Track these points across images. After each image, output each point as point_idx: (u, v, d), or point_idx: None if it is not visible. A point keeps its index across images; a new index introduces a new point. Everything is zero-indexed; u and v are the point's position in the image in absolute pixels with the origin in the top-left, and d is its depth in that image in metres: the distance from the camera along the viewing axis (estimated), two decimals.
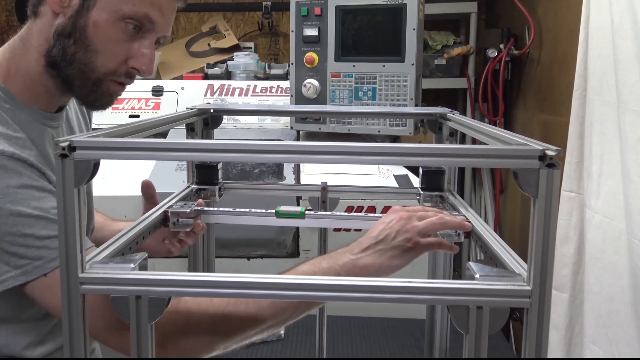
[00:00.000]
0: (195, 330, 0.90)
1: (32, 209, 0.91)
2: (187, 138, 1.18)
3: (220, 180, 1.21)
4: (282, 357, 1.66)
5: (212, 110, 1.22)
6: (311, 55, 2.14)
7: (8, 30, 3.37)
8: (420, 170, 1.18)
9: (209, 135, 1.23)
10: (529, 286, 0.63)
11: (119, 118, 2.37)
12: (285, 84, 2.45)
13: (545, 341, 0.62)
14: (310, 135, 2.28)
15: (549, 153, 0.59)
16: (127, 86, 1.07)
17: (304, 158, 0.64)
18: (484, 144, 0.77)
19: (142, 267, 0.69)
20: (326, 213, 1.11)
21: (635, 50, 1.40)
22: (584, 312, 1.63)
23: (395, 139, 2.23)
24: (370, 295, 0.66)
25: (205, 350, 0.92)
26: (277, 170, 2.01)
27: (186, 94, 2.46)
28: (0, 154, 0.91)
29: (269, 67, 2.71)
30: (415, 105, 2.07)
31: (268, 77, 2.65)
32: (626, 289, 1.45)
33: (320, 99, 2.16)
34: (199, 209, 1.06)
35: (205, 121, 1.22)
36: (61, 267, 0.64)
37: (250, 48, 2.98)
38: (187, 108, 1.17)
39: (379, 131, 2.13)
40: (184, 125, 1.16)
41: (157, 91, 2.48)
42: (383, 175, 2.02)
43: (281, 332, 1.84)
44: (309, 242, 1.94)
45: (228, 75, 2.63)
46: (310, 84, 2.14)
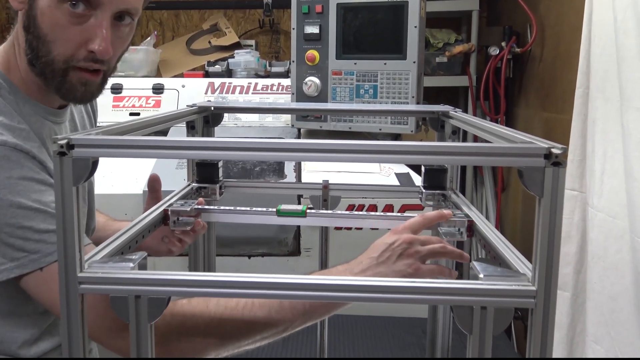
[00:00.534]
0: (190, 334, 0.89)
1: (32, 202, 0.91)
2: (188, 136, 1.17)
3: (221, 179, 1.20)
4: (282, 358, 1.65)
5: (213, 108, 1.21)
6: (312, 52, 2.13)
7: (9, 28, 3.35)
8: (423, 168, 1.17)
9: (210, 133, 1.23)
10: (534, 286, 0.62)
11: (120, 116, 2.36)
12: (286, 82, 2.45)
13: (551, 342, 0.61)
14: (311, 133, 2.27)
15: (555, 151, 0.58)
16: (128, 84, 1.06)
17: (305, 156, 0.63)
18: (485, 141, 0.76)
19: (142, 267, 0.68)
20: (328, 212, 1.10)
21: (638, 48, 1.39)
22: (586, 311, 1.63)
23: (397, 137, 2.23)
24: (373, 295, 0.65)
25: (198, 353, 0.91)
26: (278, 169, 2.01)
27: (187, 92, 2.45)
28: (3, 144, 0.90)
29: (270, 65, 2.70)
30: (417, 103, 2.06)
31: (269, 75, 2.65)
32: (629, 287, 1.45)
33: (321, 96, 2.15)
34: (199, 207, 1.05)
35: (206, 119, 1.21)
36: (59, 266, 0.63)
37: (251, 46, 2.97)
38: (188, 106, 1.16)
39: (381, 129, 2.12)
40: (185, 123, 1.16)
41: (158, 89, 2.47)
42: (384, 173, 2.01)
43: None
44: (310, 241, 1.93)
45: (229, 73, 2.62)
46: (312, 81, 2.13)
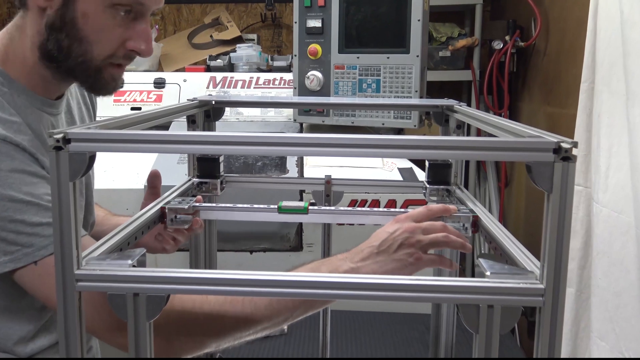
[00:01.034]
0: (189, 329, 0.89)
1: (24, 194, 0.89)
2: (188, 130, 1.16)
3: (222, 174, 1.18)
4: (282, 358, 1.64)
5: (214, 102, 1.20)
6: (314, 46, 2.11)
7: (9, 22, 3.34)
8: (427, 163, 1.15)
9: (211, 128, 1.21)
10: (542, 284, 0.61)
11: (121, 110, 2.35)
12: (288, 76, 2.43)
13: (559, 341, 0.60)
14: (314, 128, 2.26)
15: (564, 146, 0.56)
16: (129, 79, 1.05)
17: (307, 151, 0.61)
18: (491, 136, 0.75)
19: (141, 264, 0.67)
20: (330, 208, 1.09)
21: None
22: (591, 307, 1.62)
23: (400, 131, 2.21)
24: (377, 293, 0.64)
25: (197, 348, 0.91)
26: (280, 164, 1.99)
27: (188, 86, 2.45)
28: None
29: (272, 59, 2.69)
30: (420, 97, 2.05)
31: (271, 69, 2.63)
32: (634, 283, 1.44)
33: (323, 91, 2.13)
34: (197, 205, 1.02)
35: (207, 113, 1.20)
36: (56, 264, 0.62)
37: (253, 40, 2.96)
38: (188, 100, 1.15)
39: (383, 124, 2.11)
40: (185, 117, 1.14)
41: (159, 83, 2.46)
42: (387, 168, 2.00)
43: (284, 327, 1.82)
44: (312, 236, 1.92)
45: (230, 67, 2.61)
46: (314, 76, 2.12)
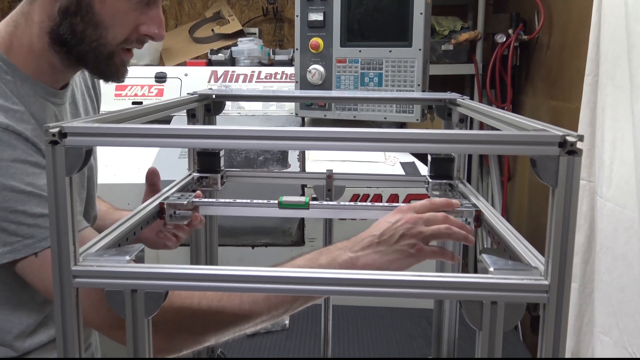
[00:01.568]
0: (188, 325, 0.88)
1: (25, 185, 0.89)
2: (188, 124, 1.15)
3: (222, 168, 1.17)
4: (282, 358, 1.64)
5: (214, 96, 1.19)
6: (316, 40, 2.10)
7: (8, 10, 3.33)
8: (429, 157, 1.14)
9: (211, 122, 1.20)
10: (547, 280, 0.60)
11: (122, 105, 2.34)
12: (290, 70, 2.42)
13: (564, 338, 0.59)
14: (316, 122, 2.25)
15: (570, 139, 0.55)
16: (130, 73, 1.06)
17: (309, 145, 0.60)
18: (494, 129, 0.74)
19: (139, 259, 0.66)
20: (331, 203, 1.08)
21: None
22: (594, 302, 1.61)
23: (402, 125, 2.20)
24: (379, 289, 0.63)
25: (198, 343, 0.90)
26: (282, 158, 1.98)
27: (190, 81, 2.44)
28: None
29: (274, 53, 2.67)
30: (423, 91, 2.03)
31: (272, 64, 2.62)
32: (638, 278, 1.43)
33: (325, 85, 2.12)
34: (196, 200, 1.01)
35: (207, 107, 1.19)
36: (53, 260, 0.61)
37: (255, 34, 2.95)
38: (188, 93, 1.14)
39: (385, 118, 2.10)
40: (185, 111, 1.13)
41: (161, 78, 2.45)
42: (389, 162, 1.99)
43: (286, 322, 1.82)
44: (314, 231, 1.92)
45: (232, 61, 2.60)
46: (316, 70, 2.11)
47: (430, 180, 1.13)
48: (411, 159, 2.04)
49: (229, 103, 2.28)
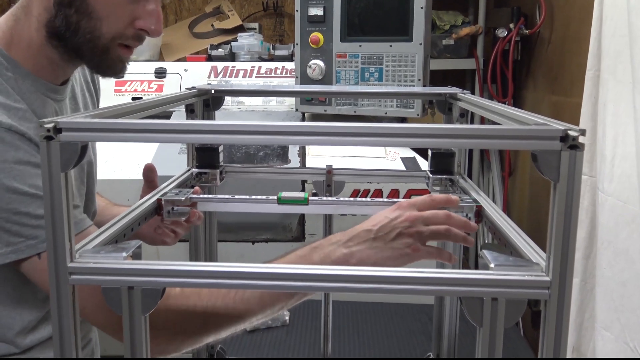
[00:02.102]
0: (182, 328, 0.88)
1: (29, 187, 0.89)
2: (187, 119, 1.14)
3: (221, 164, 1.17)
4: (282, 358, 1.63)
5: (213, 91, 1.18)
6: (316, 35, 2.09)
7: (7, 7, 3.32)
8: (430, 152, 1.13)
9: (210, 117, 1.19)
10: (548, 277, 0.59)
11: (122, 100, 2.33)
12: (290, 66, 2.41)
13: (565, 334, 0.58)
14: (316, 117, 2.25)
15: (572, 134, 0.54)
16: (130, 69, 1.05)
17: (309, 139, 0.59)
18: (494, 124, 0.73)
19: (136, 256, 0.65)
20: (331, 199, 1.07)
21: None
22: (596, 297, 1.60)
23: (402, 120, 2.19)
24: (379, 286, 0.62)
25: (193, 344, 0.90)
26: (282, 153, 1.98)
27: (189, 76, 2.43)
28: None
29: (274, 48, 2.67)
30: (423, 86, 2.03)
31: (273, 59, 2.62)
32: (639, 273, 1.42)
33: (325, 80, 2.11)
34: (194, 196, 0.99)
35: (206, 102, 1.18)
36: (49, 256, 0.60)
37: (255, 29, 2.94)
38: (187, 89, 1.13)
39: (386, 113, 2.09)
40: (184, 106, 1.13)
41: (160, 73, 2.44)
42: (390, 157, 1.98)
43: (286, 318, 1.82)
44: (314, 226, 1.91)
45: (232, 56, 2.60)
46: (316, 64, 2.10)
47: (430, 175, 1.12)
48: (412, 154, 2.03)
49: (228, 98, 2.28)
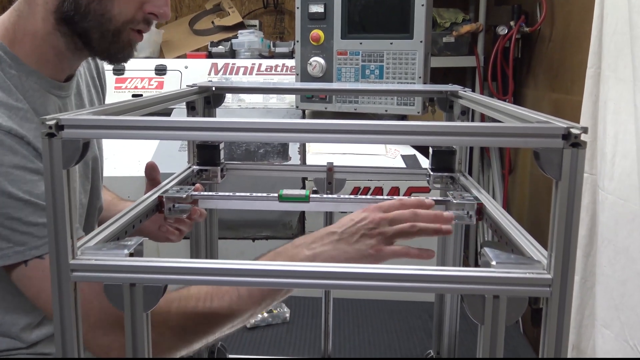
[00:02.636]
0: (176, 329, 0.88)
1: (24, 193, 0.88)
2: (188, 117, 1.14)
3: (222, 161, 1.17)
4: (283, 358, 1.63)
5: (214, 88, 1.18)
6: (317, 32, 2.09)
7: (8, 6, 3.31)
8: (430, 150, 1.13)
9: (211, 114, 1.19)
10: (550, 274, 0.59)
11: (122, 97, 2.32)
12: (290, 63, 2.41)
13: (567, 332, 0.58)
14: (316, 115, 2.24)
15: (574, 131, 0.54)
16: (130, 66, 1.05)
17: (310, 137, 0.59)
18: (496, 122, 0.73)
19: (138, 253, 0.65)
20: (332, 196, 1.07)
21: None
22: (596, 295, 1.60)
23: (403, 118, 2.19)
24: (380, 283, 0.62)
25: (189, 347, 0.90)
26: (282, 151, 1.98)
27: (190, 73, 2.43)
28: None
29: (274, 46, 2.66)
30: (424, 83, 2.02)
31: (273, 56, 2.61)
32: (639, 271, 1.42)
33: (326, 77, 2.11)
34: (195, 194, 0.99)
35: (207, 99, 1.18)
36: (50, 254, 0.60)
37: (255, 26, 2.94)
38: (188, 86, 1.13)
39: (386, 110, 2.09)
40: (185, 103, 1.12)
41: (161, 70, 2.44)
42: (390, 155, 1.98)
43: (286, 315, 1.82)
44: (314, 223, 1.91)
45: (232, 53, 2.59)
46: (316, 62, 2.10)
47: (431, 173, 1.12)
48: (412, 151, 2.03)
49: (229, 96, 2.27)
